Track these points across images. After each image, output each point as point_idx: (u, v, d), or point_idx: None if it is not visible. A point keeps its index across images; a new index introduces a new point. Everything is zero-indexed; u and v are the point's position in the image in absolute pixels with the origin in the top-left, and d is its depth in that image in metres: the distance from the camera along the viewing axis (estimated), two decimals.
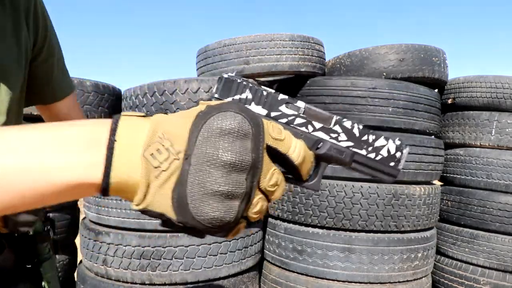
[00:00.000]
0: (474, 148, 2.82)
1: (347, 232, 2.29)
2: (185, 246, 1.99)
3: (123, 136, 0.35)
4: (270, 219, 2.57)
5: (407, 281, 2.35)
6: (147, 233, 1.99)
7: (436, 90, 2.80)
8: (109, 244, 2.01)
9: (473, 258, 2.71)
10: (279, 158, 0.40)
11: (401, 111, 2.37)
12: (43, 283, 0.75)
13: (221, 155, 0.34)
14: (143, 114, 0.38)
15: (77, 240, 2.55)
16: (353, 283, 2.26)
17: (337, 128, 0.46)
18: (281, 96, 0.44)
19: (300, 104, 0.45)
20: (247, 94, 0.43)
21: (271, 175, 0.38)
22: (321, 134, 0.45)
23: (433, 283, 2.73)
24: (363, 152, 0.47)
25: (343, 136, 0.46)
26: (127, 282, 2.01)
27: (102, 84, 2.56)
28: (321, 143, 0.45)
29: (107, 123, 0.36)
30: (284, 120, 0.44)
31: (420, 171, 2.37)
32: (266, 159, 0.38)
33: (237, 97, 0.43)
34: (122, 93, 2.67)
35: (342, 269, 2.25)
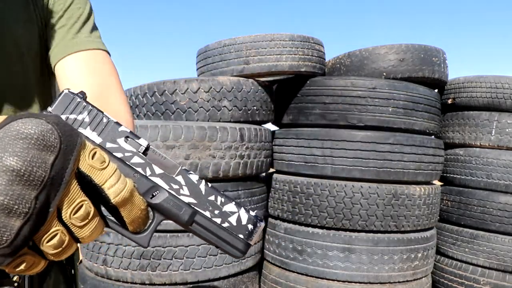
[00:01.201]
0: (474, 148, 2.82)
1: (347, 232, 2.29)
2: (185, 246, 1.99)
3: None
4: (270, 219, 2.57)
5: (407, 281, 2.35)
6: None
7: (436, 90, 2.80)
8: (109, 244, 2.01)
9: (473, 258, 2.70)
10: (97, 193, 0.35)
11: (401, 111, 2.37)
12: (72, 271, 0.75)
13: (6, 158, 0.29)
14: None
15: None
16: (353, 283, 2.26)
17: (180, 179, 0.40)
18: (122, 128, 0.39)
19: (142, 142, 0.39)
20: (84, 117, 0.38)
21: (79, 206, 0.33)
22: (159, 181, 0.39)
23: (433, 283, 2.73)
24: (207, 214, 0.40)
25: (185, 190, 0.40)
26: (127, 282, 2.01)
27: None
28: (157, 191, 0.39)
29: None
30: (119, 155, 0.39)
31: (420, 171, 2.37)
32: (74, 185, 0.33)
33: (72, 116, 0.38)
34: None
35: (342, 269, 2.25)
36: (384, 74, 2.60)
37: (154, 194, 0.39)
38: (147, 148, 0.40)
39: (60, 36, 0.68)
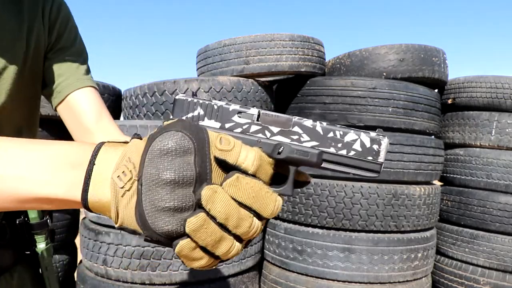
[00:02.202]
0: (474, 148, 2.82)
1: (347, 232, 2.29)
2: None
3: (101, 160, 0.40)
4: (270, 219, 2.56)
5: (407, 281, 2.35)
6: None
7: (436, 90, 2.80)
8: (109, 244, 2.01)
9: (473, 258, 2.71)
10: (236, 169, 0.39)
11: (401, 111, 2.37)
12: (40, 270, 0.81)
13: (161, 174, 0.36)
14: (126, 141, 0.43)
15: (77, 240, 2.55)
16: (353, 283, 2.26)
17: (297, 129, 0.44)
18: (233, 107, 0.44)
19: (253, 111, 0.44)
20: (199, 111, 0.45)
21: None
22: (280, 138, 0.44)
23: (433, 283, 2.73)
24: (332, 150, 0.44)
25: (305, 137, 0.44)
26: (127, 282, 2.01)
27: (102, 84, 2.56)
28: (282, 147, 0.43)
29: (91, 147, 0.42)
30: (239, 130, 0.44)
31: (420, 171, 2.37)
32: (217, 170, 0.39)
33: (190, 115, 0.45)
34: (122, 93, 2.67)
35: (342, 269, 2.25)
36: (384, 74, 2.60)
37: (280, 151, 0.43)
38: (259, 115, 0.44)
39: (72, 69, 0.84)
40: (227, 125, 0.44)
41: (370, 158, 0.44)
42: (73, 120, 0.83)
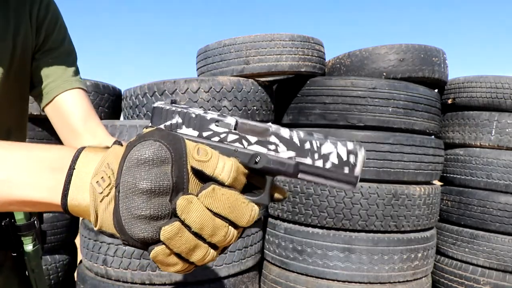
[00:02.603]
0: (474, 148, 2.82)
1: (347, 232, 2.29)
2: None
3: (80, 165, 0.41)
4: (270, 219, 2.57)
5: (407, 281, 2.35)
6: None
7: (436, 90, 2.80)
8: (109, 244, 2.01)
9: (473, 258, 2.71)
10: (212, 179, 0.40)
11: (401, 111, 2.37)
12: (27, 272, 0.81)
13: (138, 183, 0.37)
14: (106, 146, 0.44)
15: (77, 240, 2.55)
16: (353, 283, 2.26)
17: (274, 139, 0.44)
18: (210, 116, 0.44)
19: (230, 120, 0.44)
20: (177, 119, 0.44)
21: None
22: (257, 148, 0.44)
23: (433, 283, 2.73)
24: (308, 161, 0.44)
25: (282, 147, 0.44)
26: (127, 282, 2.01)
27: (102, 84, 2.56)
28: (259, 157, 0.43)
29: (72, 151, 0.43)
30: (216, 139, 0.44)
31: (420, 171, 2.37)
32: (194, 180, 0.39)
33: (168, 123, 0.44)
34: (122, 93, 2.67)
35: (342, 269, 2.25)
36: (384, 74, 2.60)
37: (256, 160, 0.43)
38: (236, 124, 0.44)
39: (60, 70, 0.83)
40: (204, 134, 0.44)
41: (346, 171, 0.44)
42: (60, 121, 0.83)
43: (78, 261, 2.60)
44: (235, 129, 0.44)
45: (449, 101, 2.97)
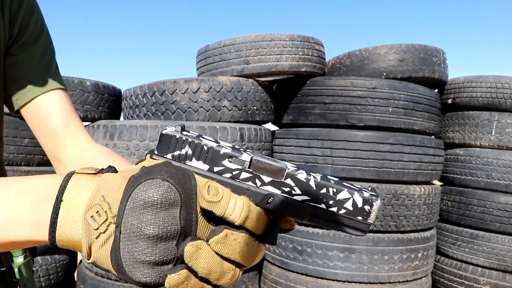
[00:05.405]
0: (474, 148, 2.82)
1: None
2: None
3: (69, 197, 0.38)
4: None
5: (407, 281, 2.35)
6: None
7: (436, 90, 2.80)
8: None
9: (473, 258, 2.71)
10: (219, 219, 0.38)
11: (401, 111, 2.37)
12: (18, 287, 0.75)
13: (144, 228, 0.35)
14: (95, 171, 0.40)
15: None
16: (353, 283, 2.26)
17: (289, 181, 0.42)
18: (224, 150, 0.41)
19: (245, 157, 0.41)
20: (187, 150, 0.41)
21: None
22: (271, 188, 0.42)
23: (433, 283, 2.73)
24: (323, 206, 0.42)
25: (297, 190, 0.42)
26: (127, 282, 2.00)
27: (102, 84, 2.56)
28: (272, 198, 0.41)
29: (58, 180, 0.39)
30: (228, 175, 0.41)
31: (420, 171, 2.37)
32: (202, 221, 0.37)
33: (176, 153, 0.41)
34: (122, 93, 2.67)
35: (342, 269, 2.25)
36: (384, 74, 2.60)
37: (269, 201, 0.41)
38: (251, 161, 0.42)
39: (38, 68, 0.76)
40: (216, 169, 0.41)
41: (360, 218, 0.43)
42: (38, 124, 0.76)
43: (78, 261, 2.60)
44: (249, 167, 0.42)
45: (449, 101, 2.97)
